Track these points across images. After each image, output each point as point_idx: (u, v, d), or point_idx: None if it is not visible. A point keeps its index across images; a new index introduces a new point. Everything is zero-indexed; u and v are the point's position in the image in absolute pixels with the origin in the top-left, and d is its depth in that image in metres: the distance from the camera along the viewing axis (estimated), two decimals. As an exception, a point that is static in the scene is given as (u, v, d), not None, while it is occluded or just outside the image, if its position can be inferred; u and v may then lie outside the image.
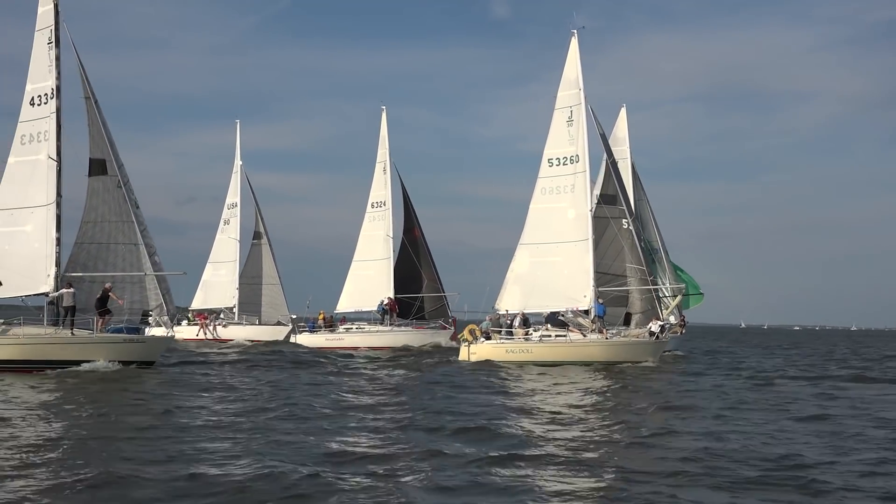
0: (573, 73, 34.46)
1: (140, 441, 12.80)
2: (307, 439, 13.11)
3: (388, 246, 44.67)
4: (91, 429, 13.94)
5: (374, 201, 45.80)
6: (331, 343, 41.87)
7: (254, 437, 13.30)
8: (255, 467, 10.82)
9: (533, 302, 34.02)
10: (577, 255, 33.60)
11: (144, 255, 27.20)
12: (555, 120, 34.63)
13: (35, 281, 26.39)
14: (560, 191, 34.25)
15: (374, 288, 43.85)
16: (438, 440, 13.22)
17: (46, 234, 26.60)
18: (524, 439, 13.41)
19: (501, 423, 14.99)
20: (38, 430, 13.69)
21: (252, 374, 25.55)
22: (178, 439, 12.91)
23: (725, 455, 12.37)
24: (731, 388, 23.87)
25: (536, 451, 12.34)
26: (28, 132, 27.11)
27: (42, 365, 24.26)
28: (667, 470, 11.09)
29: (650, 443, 13.50)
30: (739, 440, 13.81)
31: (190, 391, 20.10)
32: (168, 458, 11.50)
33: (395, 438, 13.45)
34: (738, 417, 16.97)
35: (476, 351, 31.87)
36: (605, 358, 31.49)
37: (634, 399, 20.08)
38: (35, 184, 26.83)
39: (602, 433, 14.27)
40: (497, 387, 22.42)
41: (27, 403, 17.21)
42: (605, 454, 12.20)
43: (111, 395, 19.42)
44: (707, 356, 41.50)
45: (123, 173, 27.39)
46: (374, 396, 19.71)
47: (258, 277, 48.47)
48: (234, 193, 51.18)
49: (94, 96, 27.29)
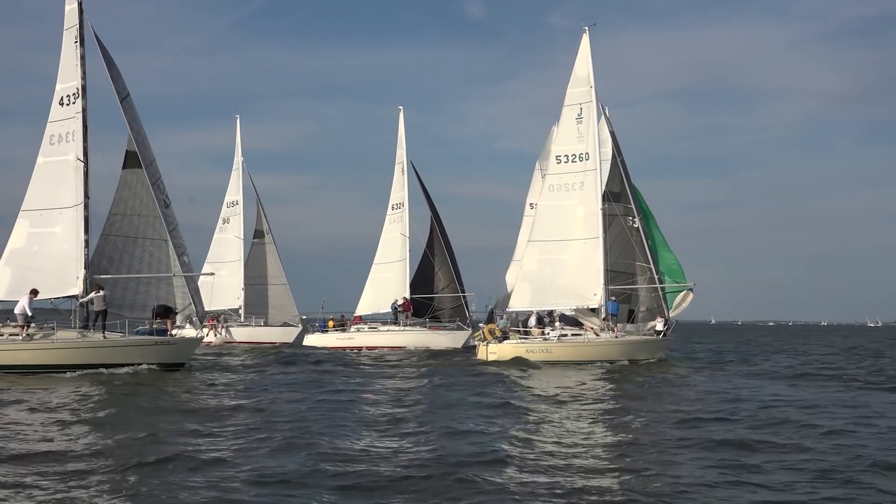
0: (584, 70, 34.89)
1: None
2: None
3: (405, 247, 44.89)
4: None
5: (394, 203, 46.01)
6: (342, 343, 42.00)
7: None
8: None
9: (542, 300, 34.50)
10: (586, 253, 34.15)
11: (173, 253, 27.38)
12: (564, 117, 35.06)
13: (64, 283, 26.56)
14: (568, 188, 34.71)
15: (393, 290, 44.15)
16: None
17: (76, 235, 26.77)
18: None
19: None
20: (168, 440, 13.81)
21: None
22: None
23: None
24: (834, 397, 21.47)
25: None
26: (57, 132, 27.26)
27: (77, 368, 24.50)
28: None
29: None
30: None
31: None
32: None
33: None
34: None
35: (496, 351, 32.37)
36: (621, 356, 32.33)
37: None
38: (64, 185, 27.01)
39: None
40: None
41: (99, 409, 17.49)
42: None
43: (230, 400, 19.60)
44: (717, 359, 39.59)
45: (154, 171, 27.55)
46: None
47: (262, 277, 48.00)
48: (234, 191, 50.42)
49: (129, 94, 27.47)
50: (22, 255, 26.91)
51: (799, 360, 39.53)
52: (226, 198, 50.53)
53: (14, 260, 26.92)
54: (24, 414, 16.16)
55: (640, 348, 33.33)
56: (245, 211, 49.62)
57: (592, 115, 34.64)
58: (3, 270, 26.93)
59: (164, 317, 26.59)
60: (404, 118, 46.65)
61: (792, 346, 59.21)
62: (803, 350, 51.28)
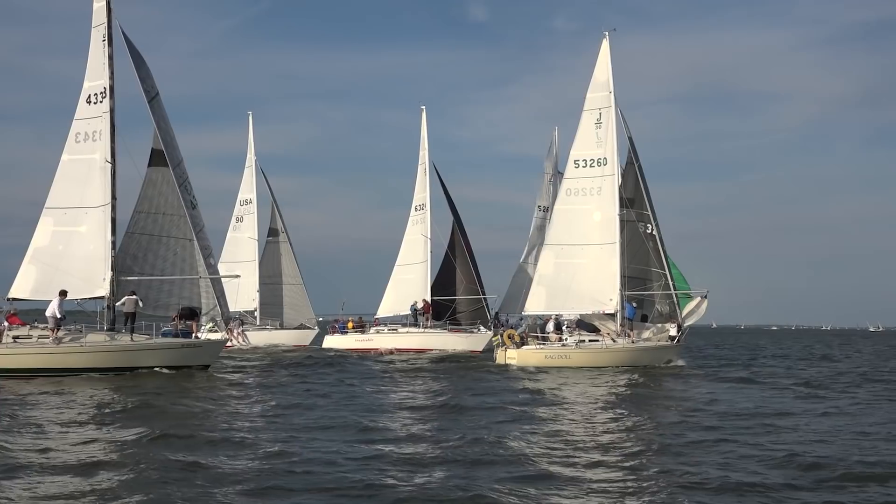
0: (604, 74, 34.96)
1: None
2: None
3: (426, 248, 44.66)
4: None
5: (417, 204, 45.78)
6: (360, 345, 41.86)
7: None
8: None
9: (558, 304, 34.61)
10: (603, 258, 34.23)
11: (199, 254, 27.31)
12: (583, 121, 35.07)
13: (91, 284, 26.54)
14: (585, 192, 34.80)
15: (415, 292, 43.99)
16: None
17: (102, 236, 26.72)
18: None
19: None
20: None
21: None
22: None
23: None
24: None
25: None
26: (83, 130, 27.21)
27: (106, 371, 24.49)
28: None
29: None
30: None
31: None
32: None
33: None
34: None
35: (514, 356, 32.40)
36: (637, 362, 32.51)
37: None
38: (90, 184, 26.99)
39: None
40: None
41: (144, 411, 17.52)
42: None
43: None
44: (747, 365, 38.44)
45: (181, 172, 27.46)
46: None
47: (276, 276, 47.65)
48: (247, 189, 49.95)
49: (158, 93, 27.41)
50: (47, 253, 26.86)
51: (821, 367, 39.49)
52: (238, 196, 50.27)
53: (39, 258, 26.86)
54: (50, 415, 16.22)
55: (656, 354, 33.64)
56: (259, 209, 49.39)
57: (612, 119, 34.73)
58: (27, 269, 26.88)
59: (190, 319, 26.52)
60: (426, 119, 46.36)
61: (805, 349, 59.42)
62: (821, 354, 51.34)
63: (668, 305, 36.00)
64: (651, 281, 35.56)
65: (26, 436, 13.79)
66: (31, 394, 20.08)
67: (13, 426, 14.71)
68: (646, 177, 35.63)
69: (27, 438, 13.54)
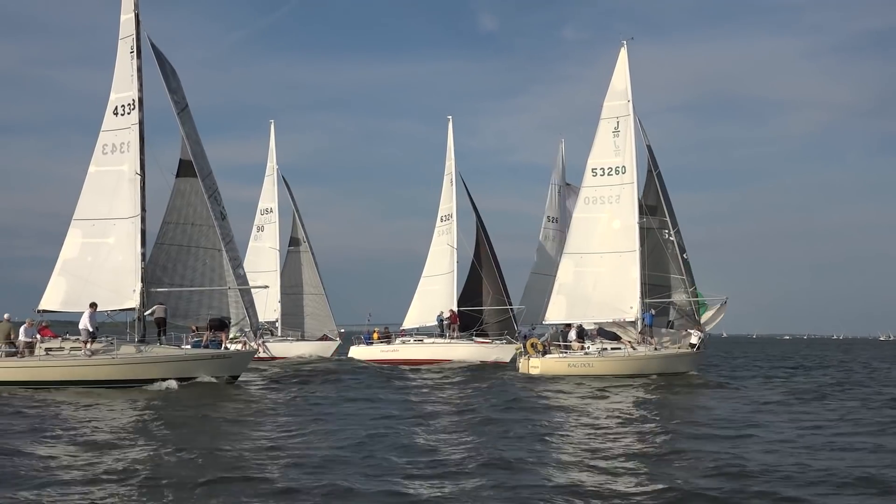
0: (622, 83, 35.33)
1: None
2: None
3: (453, 259, 44.60)
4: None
5: (443, 214, 45.71)
6: (385, 355, 41.69)
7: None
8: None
9: (578, 313, 34.85)
10: (623, 266, 34.53)
11: (229, 265, 27.39)
12: (600, 130, 35.46)
13: (121, 296, 26.63)
14: (603, 201, 35.14)
15: (442, 303, 43.92)
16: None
17: (132, 247, 26.83)
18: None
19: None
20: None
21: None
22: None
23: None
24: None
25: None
26: (110, 142, 27.34)
27: (140, 383, 24.61)
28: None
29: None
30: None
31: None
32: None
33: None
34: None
35: (537, 365, 32.42)
36: (660, 369, 32.64)
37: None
38: (118, 195, 27.11)
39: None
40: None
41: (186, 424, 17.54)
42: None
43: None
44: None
45: (210, 183, 27.55)
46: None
47: (298, 287, 47.36)
48: (268, 198, 49.64)
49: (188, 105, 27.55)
50: (76, 265, 27.01)
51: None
52: (259, 205, 50.03)
53: (68, 270, 27.01)
54: (83, 429, 16.29)
55: (678, 362, 33.77)
56: (280, 218, 49.14)
57: (630, 128, 35.10)
58: (57, 281, 27.03)
59: (219, 330, 26.62)
60: (453, 130, 46.43)
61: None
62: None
63: (689, 311, 36.01)
64: (671, 289, 35.64)
65: (54, 447, 13.88)
66: (61, 404, 20.28)
67: (38, 437, 14.81)
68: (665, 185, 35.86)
69: (54, 449, 13.63)
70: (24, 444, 14.08)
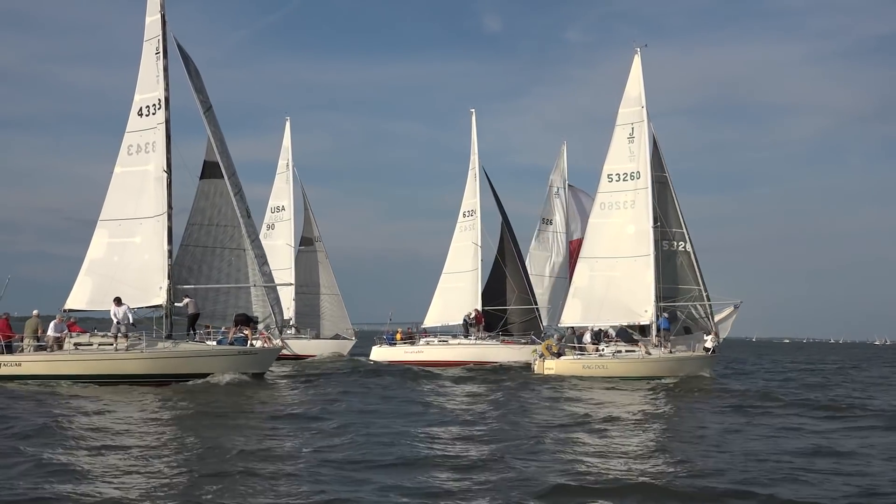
0: (636, 90, 36.27)
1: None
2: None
3: (477, 256, 43.93)
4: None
5: (466, 210, 45.05)
6: (410, 356, 40.99)
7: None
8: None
9: (593, 317, 35.56)
10: (638, 270, 35.29)
11: (254, 263, 27.91)
12: (615, 136, 36.43)
13: (147, 293, 27.17)
14: (619, 206, 36.04)
15: (464, 301, 43.32)
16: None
17: (158, 245, 27.36)
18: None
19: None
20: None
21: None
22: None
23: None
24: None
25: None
26: (136, 142, 27.90)
27: (168, 378, 25.18)
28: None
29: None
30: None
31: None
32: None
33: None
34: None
35: (552, 366, 33.13)
36: (675, 372, 33.10)
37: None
38: (143, 195, 27.66)
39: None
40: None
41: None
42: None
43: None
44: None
45: (236, 181, 28.08)
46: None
47: (313, 286, 47.00)
48: (279, 196, 49.17)
49: (212, 105, 28.09)
50: (102, 265, 27.60)
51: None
52: (269, 203, 49.61)
53: (95, 270, 27.60)
54: (110, 423, 16.80)
55: (693, 365, 34.29)
56: (293, 217, 48.63)
57: (644, 134, 35.99)
58: (83, 280, 27.64)
59: (245, 325, 27.07)
60: (476, 123, 45.74)
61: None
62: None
63: (703, 316, 36.39)
64: (680, 296, 36.05)
65: (79, 442, 14.23)
66: (87, 398, 20.90)
67: (61, 433, 15.16)
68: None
69: (79, 445, 13.98)
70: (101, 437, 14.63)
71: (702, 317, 36.28)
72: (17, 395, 21.37)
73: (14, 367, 24.95)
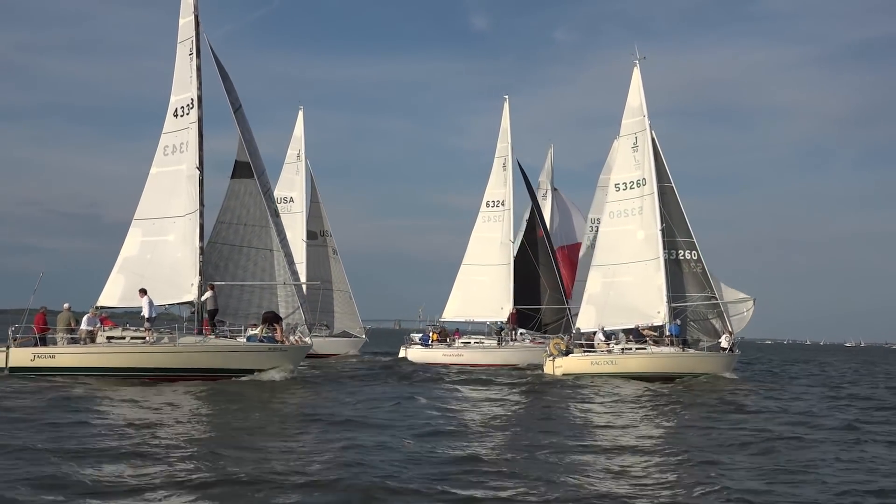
0: (637, 101, 37.96)
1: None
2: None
3: (508, 251, 42.76)
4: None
5: (490, 200, 43.90)
6: (448, 359, 40.39)
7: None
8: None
9: (608, 320, 36.66)
10: (648, 274, 36.47)
11: (282, 262, 28.82)
12: (620, 147, 38.41)
13: (179, 290, 28.08)
14: (628, 213, 37.48)
15: (487, 296, 42.25)
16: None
17: (190, 242, 28.20)
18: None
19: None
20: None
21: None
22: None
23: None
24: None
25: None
26: (171, 143, 28.82)
27: (197, 374, 26.04)
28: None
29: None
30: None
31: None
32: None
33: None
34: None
35: (561, 364, 34.18)
36: (686, 370, 33.99)
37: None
38: (176, 194, 28.53)
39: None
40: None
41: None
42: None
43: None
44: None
45: (265, 181, 28.93)
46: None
47: (324, 283, 45.93)
48: (287, 187, 48.22)
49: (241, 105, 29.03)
50: (135, 262, 28.50)
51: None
52: (274, 194, 49.22)
53: (128, 268, 28.51)
54: (134, 414, 17.45)
55: (709, 364, 34.90)
56: (304, 210, 47.93)
57: (647, 142, 37.39)
58: (116, 278, 28.52)
59: (274, 322, 27.89)
60: (509, 110, 44.78)
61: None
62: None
63: (715, 319, 37.15)
64: (693, 299, 36.75)
65: (109, 434, 14.67)
66: (115, 391, 21.74)
67: (93, 425, 15.66)
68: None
69: (108, 437, 14.39)
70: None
71: (715, 317, 37.03)
72: (48, 387, 22.19)
73: (48, 360, 25.82)
